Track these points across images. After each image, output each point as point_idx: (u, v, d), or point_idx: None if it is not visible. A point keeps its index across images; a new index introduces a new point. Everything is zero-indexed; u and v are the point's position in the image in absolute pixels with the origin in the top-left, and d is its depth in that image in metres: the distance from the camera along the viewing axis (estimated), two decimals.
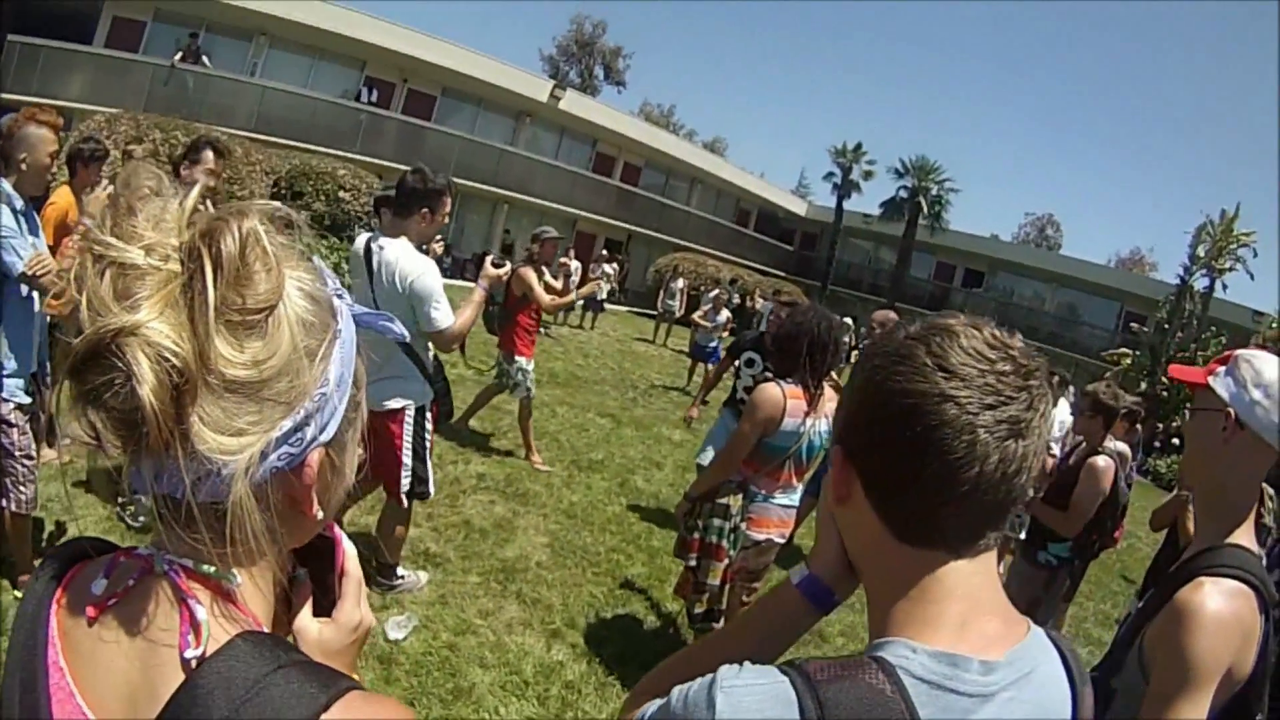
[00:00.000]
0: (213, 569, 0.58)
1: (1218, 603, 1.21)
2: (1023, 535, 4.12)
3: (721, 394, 5.85)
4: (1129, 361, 17.10)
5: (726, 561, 3.19)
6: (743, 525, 3.15)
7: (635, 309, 22.13)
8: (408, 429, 3.39)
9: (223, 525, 0.56)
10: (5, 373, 2.75)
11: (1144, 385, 15.78)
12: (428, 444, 3.49)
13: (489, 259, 3.53)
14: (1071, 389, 7.18)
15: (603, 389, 9.90)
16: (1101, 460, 3.61)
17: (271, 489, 0.58)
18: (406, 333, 0.70)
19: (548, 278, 6.19)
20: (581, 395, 9.11)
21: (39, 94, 14.43)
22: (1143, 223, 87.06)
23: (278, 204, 0.61)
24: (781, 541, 3.27)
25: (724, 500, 3.15)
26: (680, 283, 16.87)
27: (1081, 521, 3.60)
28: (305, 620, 0.70)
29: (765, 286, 21.35)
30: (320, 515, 0.63)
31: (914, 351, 0.70)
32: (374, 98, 19.72)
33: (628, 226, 24.99)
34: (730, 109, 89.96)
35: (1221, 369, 1.35)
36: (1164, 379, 15.73)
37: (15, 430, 2.80)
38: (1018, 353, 0.70)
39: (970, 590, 0.70)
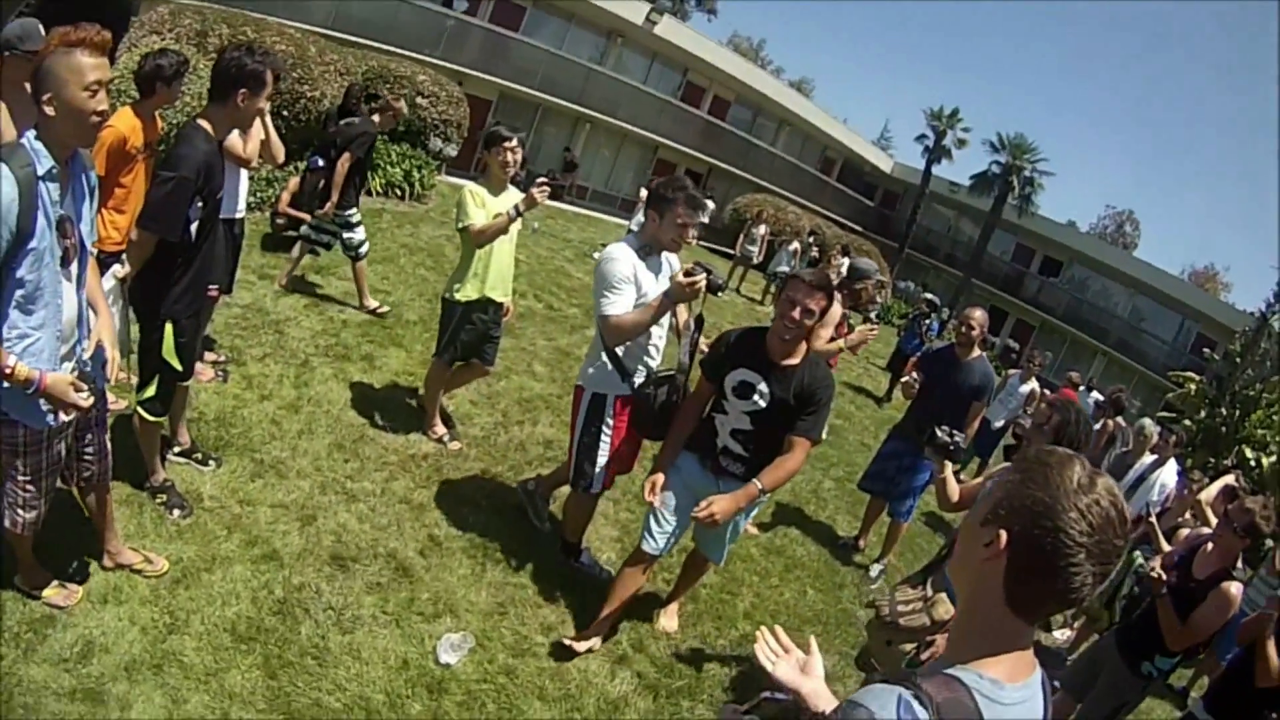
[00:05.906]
0: None
1: None
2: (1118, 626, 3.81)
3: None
4: (1194, 386, 16.14)
5: None
6: None
7: (710, 245, 20.20)
8: (581, 413, 3.32)
9: None
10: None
11: (1203, 414, 15.06)
12: (603, 440, 3.32)
13: (705, 278, 3.05)
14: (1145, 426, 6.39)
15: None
16: (1235, 587, 3.26)
17: None
18: None
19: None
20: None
21: None
22: (1224, 241, 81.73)
23: None
24: None
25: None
26: (762, 229, 15.97)
27: (1193, 642, 3.36)
28: None
29: (843, 241, 20.15)
30: None
31: (1074, 504, 1.05)
32: (464, 4, 18.90)
33: (710, 160, 24.05)
34: (818, 50, 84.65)
35: None
36: (1222, 411, 14.88)
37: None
38: (1127, 525, 1.08)
39: (1024, 645, 1.14)
